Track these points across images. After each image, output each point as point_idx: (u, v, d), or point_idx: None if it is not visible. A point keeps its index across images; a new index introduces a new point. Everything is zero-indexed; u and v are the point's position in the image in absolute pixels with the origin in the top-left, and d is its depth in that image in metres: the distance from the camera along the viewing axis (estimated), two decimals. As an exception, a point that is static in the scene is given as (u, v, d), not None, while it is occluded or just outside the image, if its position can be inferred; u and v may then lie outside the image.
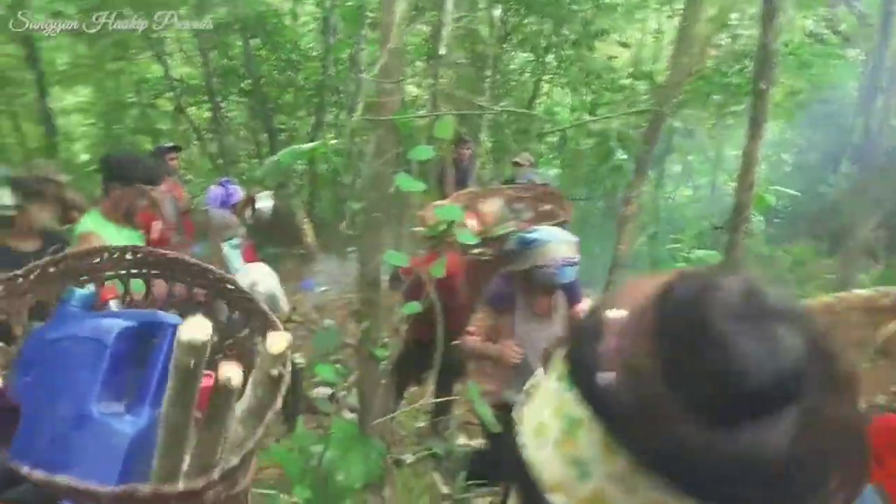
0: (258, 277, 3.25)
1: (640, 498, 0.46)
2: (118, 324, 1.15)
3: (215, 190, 5.20)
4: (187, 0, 7.82)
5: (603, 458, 0.47)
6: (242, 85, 9.72)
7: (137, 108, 10.49)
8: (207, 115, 11.12)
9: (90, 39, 10.02)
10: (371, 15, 8.24)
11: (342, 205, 10.01)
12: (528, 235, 2.77)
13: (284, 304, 3.50)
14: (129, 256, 1.43)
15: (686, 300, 0.47)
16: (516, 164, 6.31)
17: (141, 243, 3.35)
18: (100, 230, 3.05)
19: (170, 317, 1.23)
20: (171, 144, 5.74)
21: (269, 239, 7.05)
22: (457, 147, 6.39)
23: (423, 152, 2.29)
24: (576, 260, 2.69)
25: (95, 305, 1.34)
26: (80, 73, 11.41)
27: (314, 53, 9.91)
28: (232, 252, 3.16)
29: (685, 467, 0.44)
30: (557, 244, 2.70)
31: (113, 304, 1.41)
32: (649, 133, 4.69)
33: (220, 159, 10.58)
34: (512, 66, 9.45)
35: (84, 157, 12.23)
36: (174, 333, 1.02)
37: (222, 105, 10.34)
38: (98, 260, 1.39)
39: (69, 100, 12.43)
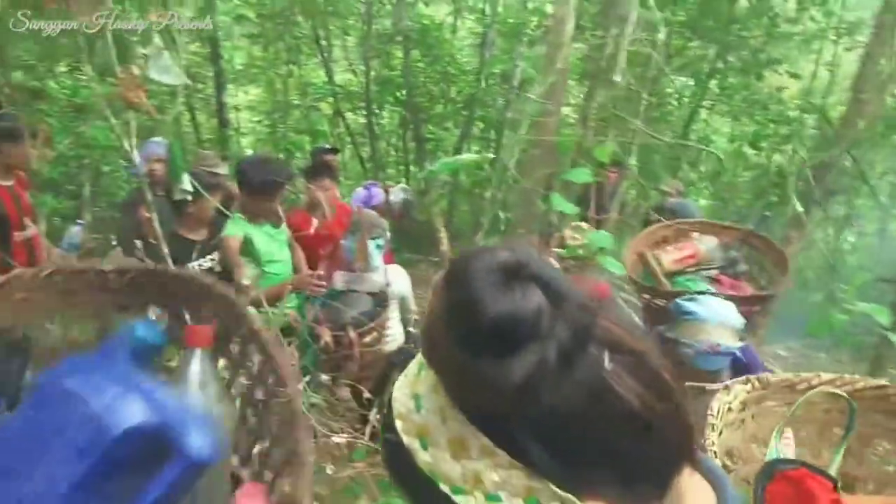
0: (393, 278, 3.35)
1: (448, 428, 0.56)
2: (135, 410, 0.85)
3: (360, 192, 5.40)
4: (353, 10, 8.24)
5: (430, 394, 0.59)
6: (398, 94, 10.08)
7: (301, 109, 11.16)
8: (362, 120, 11.66)
9: (266, 43, 10.85)
10: (529, 33, 8.27)
11: (480, 217, 10.12)
12: (688, 304, 2.36)
13: (413, 306, 3.58)
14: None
15: (460, 264, 0.58)
16: (663, 191, 6.06)
17: (285, 240, 3.54)
18: (242, 231, 3.27)
19: (196, 426, 0.89)
20: (329, 146, 6.04)
21: (407, 243, 7.24)
22: (602, 170, 6.24)
23: (582, 175, 2.26)
24: (731, 350, 2.24)
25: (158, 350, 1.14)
26: (253, 73, 12.37)
27: (469, 67, 10.09)
28: (375, 251, 3.28)
29: (461, 389, 0.56)
30: (715, 327, 2.26)
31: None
32: (816, 171, 4.34)
33: (370, 163, 11.03)
34: (669, 90, 9.11)
35: (249, 151, 13.22)
36: (191, 462, 0.83)
37: (377, 112, 10.78)
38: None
39: (241, 97, 13.50)
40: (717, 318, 2.28)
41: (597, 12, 6.94)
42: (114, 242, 6.21)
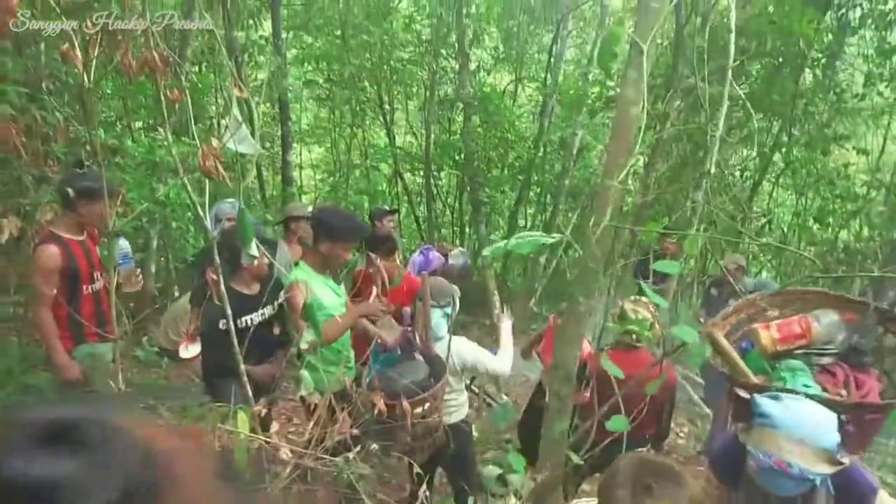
0: (458, 348, 3.29)
1: None
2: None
3: (416, 258, 5.41)
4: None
5: None
6: (457, 157, 10.27)
7: (361, 169, 11.47)
8: (420, 181, 11.90)
9: (333, 106, 11.26)
10: (589, 103, 8.35)
11: (534, 283, 10.09)
12: (767, 403, 1.93)
13: (486, 367, 3.47)
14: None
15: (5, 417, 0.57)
16: (724, 268, 5.91)
17: (343, 297, 3.57)
18: (310, 280, 3.28)
19: None
20: (389, 208, 6.13)
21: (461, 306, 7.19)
22: (660, 240, 6.14)
23: (672, 267, 2.30)
24: (808, 475, 1.79)
25: None
26: (318, 133, 12.83)
27: (527, 134, 10.24)
28: (442, 320, 3.25)
29: None
30: (791, 441, 1.82)
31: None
32: (886, 252, 4.16)
33: (426, 223, 11.18)
34: (732, 162, 9.00)
35: (310, 208, 13.60)
36: None
37: (435, 174, 10.99)
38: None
39: (305, 156, 13.98)
40: (797, 431, 1.81)
41: (659, 84, 6.97)
42: (176, 293, 6.41)
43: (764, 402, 1.92)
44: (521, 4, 10.30)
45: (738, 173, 9.09)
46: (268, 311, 3.53)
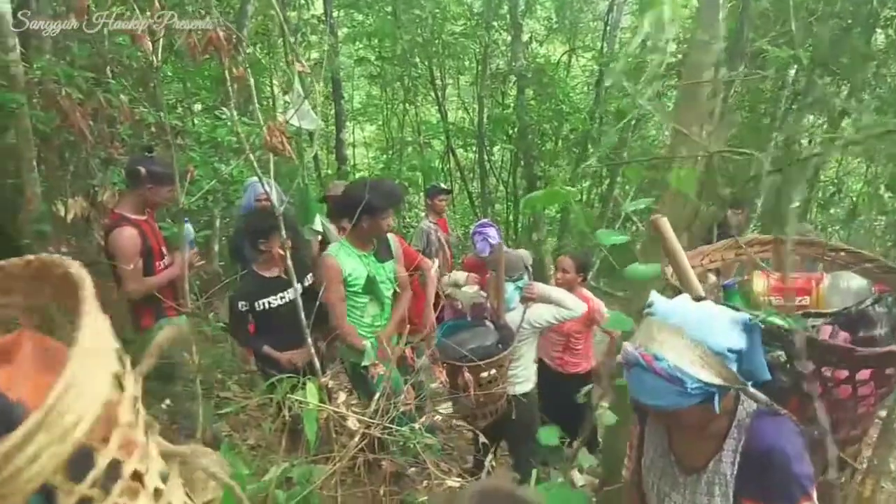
0: (534, 314, 3.30)
1: None
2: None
3: (476, 237, 5.34)
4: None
5: None
6: (510, 132, 10.16)
7: (414, 146, 11.49)
8: (472, 156, 11.84)
9: (384, 84, 11.28)
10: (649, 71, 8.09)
11: (590, 257, 9.92)
12: (659, 296, 1.52)
13: (562, 314, 3.47)
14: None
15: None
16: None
17: (391, 276, 3.55)
18: (343, 258, 3.27)
19: None
20: (444, 186, 6.10)
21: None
22: (730, 208, 5.95)
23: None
24: (675, 375, 1.35)
25: None
26: (370, 112, 12.89)
27: (582, 105, 10.05)
28: (514, 292, 3.24)
29: None
30: (660, 327, 1.43)
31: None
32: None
33: (479, 199, 11.14)
34: (798, 129, 8.63)
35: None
36: None
37: (488, 149, 10.91)
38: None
39: (357, 134, 14.08)
40: (674, 318, 1.41)
41: (723, 48, 6.70)
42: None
43: (656, 295, 1.50)
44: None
45: (805, 141, 8.72)
46: (289, 293, 3.43)
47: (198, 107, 7.28)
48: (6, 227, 6.27)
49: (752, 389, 1.43)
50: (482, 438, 2.87)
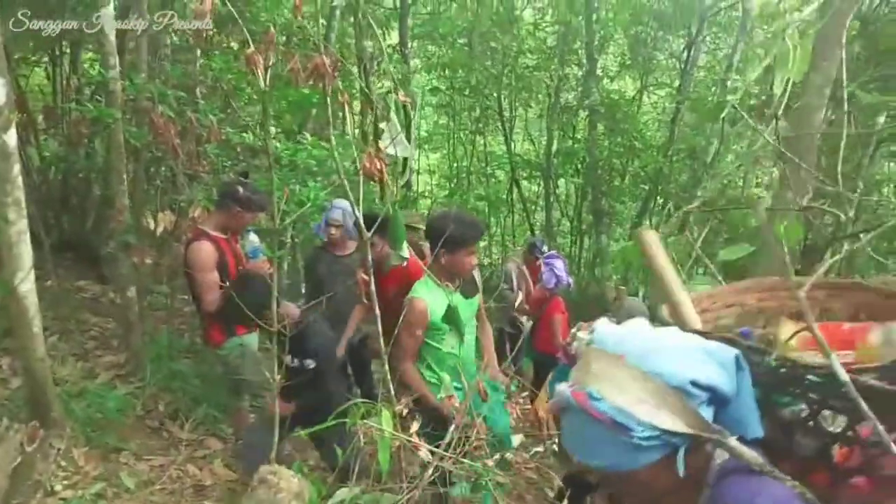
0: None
1: None
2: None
3: (544, 269, 5.26)
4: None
5: None
6: (578, 165, 10.11)
7: (478, 176, 11.53)
8: (536, 188, 11.81)
9: (453, 113, 11.40)
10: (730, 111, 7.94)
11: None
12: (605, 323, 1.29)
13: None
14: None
15: None
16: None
17: (469, 309, 3.47)
18: (430, 297, 3.13)
19: None
20: (542, 243, 6.03)
21: (576, 312, 7.05)
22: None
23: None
24: (617, 420, 0.99)
25: None
26: (436, 139, 13.02)
27: (654, 142, 9.92)
28: None
29: None
30: (598, 357, 1.08)
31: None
32: None
33: (542, 232, 11.06)
34: (879, 177, 8.33)
35: (423, 211, 13.85)
36: None
37: (554, 181, 10.86)
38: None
39: (422, 161, 14.24)
40: (620, 345, 1.05)
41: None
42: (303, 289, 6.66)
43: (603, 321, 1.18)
44: (651, 10, 10.00)
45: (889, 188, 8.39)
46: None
47: (276, 129, 7.48)
48: (92, 236, 6.55)
49: (733, 441, 0.96)
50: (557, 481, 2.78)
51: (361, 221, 2.76)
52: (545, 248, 5.94)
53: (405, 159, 2.65)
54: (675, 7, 9.62)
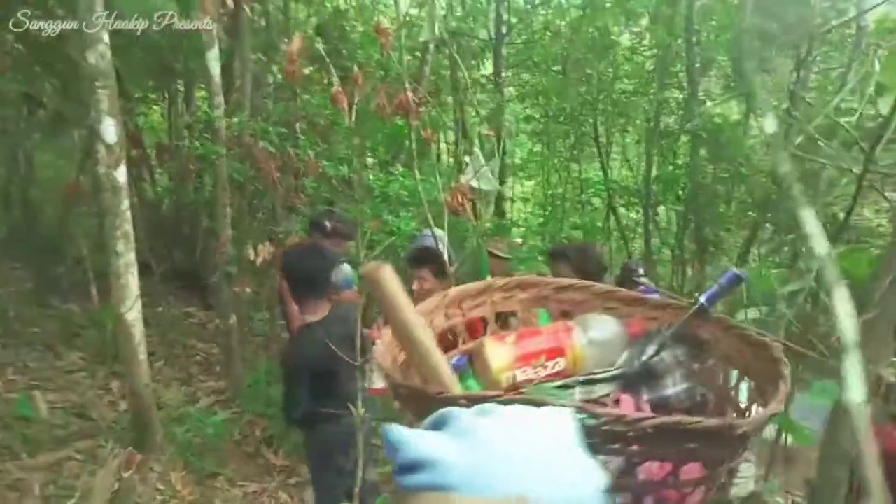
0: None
1: None
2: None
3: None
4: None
5: None
6: (679, 192, 9.73)
7: (574, 203, 11.32)
8: (634, 216, 11.45)
9: (548, 140, 11.30)
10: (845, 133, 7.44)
11: (775, 330, 9.11)
12: (431, 439, 0.65)
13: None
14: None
15: None
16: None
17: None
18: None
19: None
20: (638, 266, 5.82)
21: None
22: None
23: None
24: None
25: None
26: (531, 167, 12.93)
27: (761, 168, 9.41)
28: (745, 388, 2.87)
29: None
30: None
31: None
32: None
33: (642, 260, 10.68)
34: None
35: (518, 240, 13.74)
36: None
37: (653, 208, 10.51)
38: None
39: (516, 189, 14.16)
40: (505, 483, 0.57)
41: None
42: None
43: (422, 440, 0.60)
44: (756, 30, 9.56)
45: None
46: None
47: (371, 161, 7.67)
48: (200, 265, 6.90)
49: None
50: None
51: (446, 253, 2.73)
52: (641, 272, 5.70)
53: (496, 190, 2.60)
54: (783, 27, 9.14)
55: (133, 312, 3.53)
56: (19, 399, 4.07)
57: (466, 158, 2.67)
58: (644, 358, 1.30)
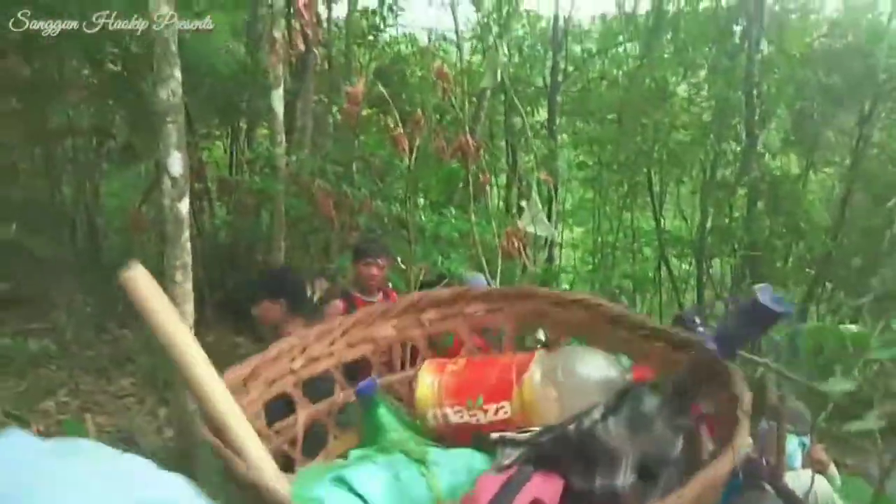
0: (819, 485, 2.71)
1: None
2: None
3: None
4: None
5: None
6: (735, 245, 9.53)
7: (623, 251, 11.19)
8: (687, 267, 11.23)
9: (600, 188, 11.25)
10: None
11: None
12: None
13: None
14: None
15: None
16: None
17: None
18: None
19: None
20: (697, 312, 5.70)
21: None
22: None
23: None
24: None
25: None
26: (582, 214, 12.87)
27: (821, 223, 9.17)
28: (797, 450, 2.68)
29: None
30: None
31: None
32: None
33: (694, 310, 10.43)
34: None
35: (565, 286, 13.61)
36: None
37: (708, 261, 10.30)
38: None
39: (566, 235, 14.08)
40: None
41: None
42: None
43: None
44: (818, 84, 9.41)
45: None
46: None
47: (424, 201, 7.74)
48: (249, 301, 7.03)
49: None
50: None
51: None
52: (698, 321, 5.51)
53: (552, 236, 2.59)
54: (846, 82, 8.98)
55: (186, 341, 3.60)
56: (69, 421, 4.16)
57: (523, 203, 2.66)
58: (590, 419, 0.83)
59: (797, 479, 2.62)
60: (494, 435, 0.90)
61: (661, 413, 0.82)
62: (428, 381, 1.03)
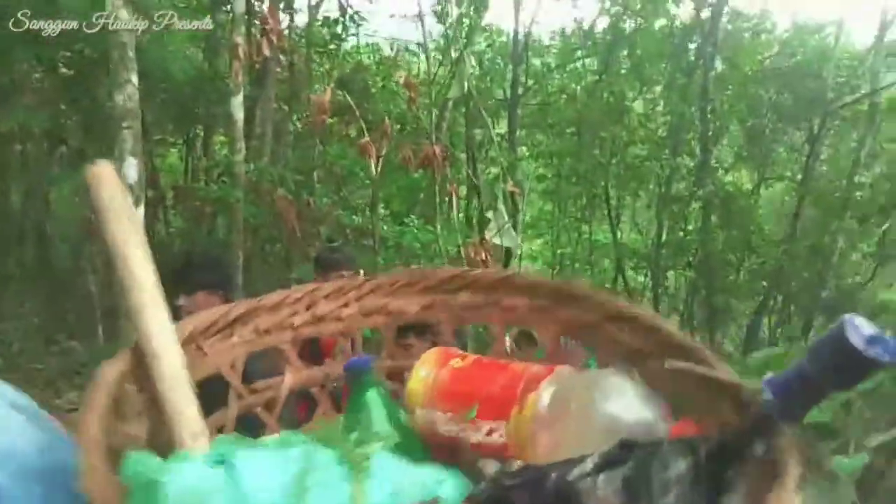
0: None
1: None
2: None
3: None
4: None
5: None
6: (690, 259, 9.74)
7: (581, 263, 11.32)
8: (642, 279, 11.42)
9: (559, 200, 11.37)
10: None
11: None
12: None
13: None
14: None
15: None
16: None
17: None
18: None
19: None
20: None
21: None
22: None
23: None
24: None
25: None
26: (541, 226, 12.97)
27: (773, 238, 9.44)
28: None
29: None
30: None
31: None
32: None
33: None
34: None
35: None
36: None
37: (661, 273, 10.50)
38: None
39: (525, 247, 14.16)
40: None
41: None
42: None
43: None
44: (769, 102, 9.72)
45: None
46: None
47: (385, 212, 7.70)
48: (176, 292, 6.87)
49: None
50: None
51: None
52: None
53: (517, 246, 2.58)
54: (796, 100, 9.29)
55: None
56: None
57: (487, 214, 2.66)
58: (579, 469, 0.59)
59: None
60: (491, 467, 0.72)
61: (680, 483, 0.54)
62: (423, 372, 0.84)
